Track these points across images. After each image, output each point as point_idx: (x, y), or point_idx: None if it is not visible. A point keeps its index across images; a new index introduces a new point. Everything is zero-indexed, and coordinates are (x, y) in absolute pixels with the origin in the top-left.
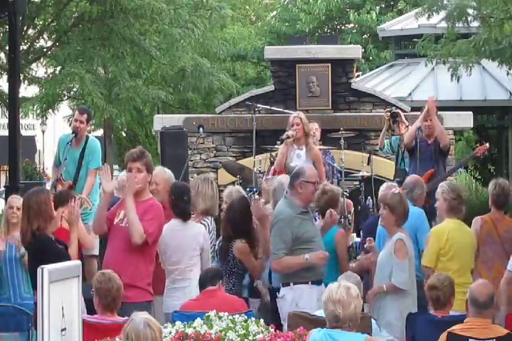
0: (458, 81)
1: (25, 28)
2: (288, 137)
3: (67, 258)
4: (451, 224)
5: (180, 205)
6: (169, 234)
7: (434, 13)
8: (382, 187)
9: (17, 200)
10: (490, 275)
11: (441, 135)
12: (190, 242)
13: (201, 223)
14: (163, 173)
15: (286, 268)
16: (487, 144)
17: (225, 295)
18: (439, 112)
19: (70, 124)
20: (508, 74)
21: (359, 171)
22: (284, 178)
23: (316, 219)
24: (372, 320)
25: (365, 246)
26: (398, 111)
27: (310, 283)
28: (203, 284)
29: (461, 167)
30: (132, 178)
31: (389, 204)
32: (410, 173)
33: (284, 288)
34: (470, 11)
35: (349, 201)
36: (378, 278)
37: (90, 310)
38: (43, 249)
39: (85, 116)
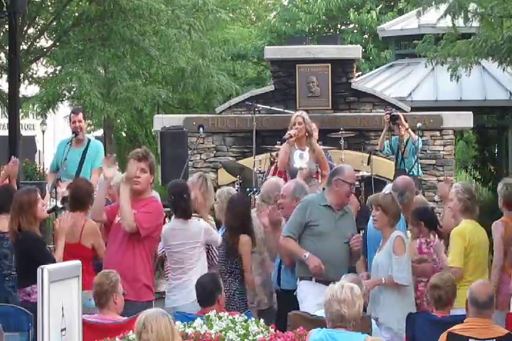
0: (457, 81)
1: (25, 28)
2: (290, 136)
3: (53, 259)
4: (469, 225)
5: (181, 205)
6: (170, 233)
7: (432, 5)
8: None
9: None
10: None
11: None
12: (191, 241)
13: (210, 223)
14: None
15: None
16: None
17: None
18: (439, 112)
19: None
20: (504, 70)
21: (359, 171)
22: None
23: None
24: (373, 320)
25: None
26: (398, 113)
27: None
28: (200, 301)
29: None
30: (134, 168)
31: (381, 205)
32: None
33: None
34: (470, 6)
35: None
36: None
37: None
38: (30, 247)
39: (80, 114)
